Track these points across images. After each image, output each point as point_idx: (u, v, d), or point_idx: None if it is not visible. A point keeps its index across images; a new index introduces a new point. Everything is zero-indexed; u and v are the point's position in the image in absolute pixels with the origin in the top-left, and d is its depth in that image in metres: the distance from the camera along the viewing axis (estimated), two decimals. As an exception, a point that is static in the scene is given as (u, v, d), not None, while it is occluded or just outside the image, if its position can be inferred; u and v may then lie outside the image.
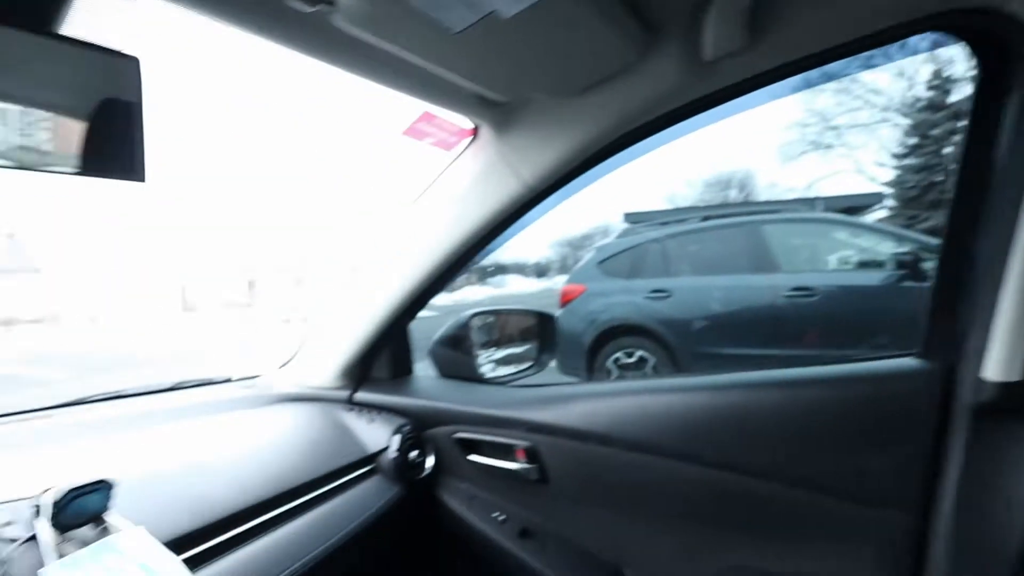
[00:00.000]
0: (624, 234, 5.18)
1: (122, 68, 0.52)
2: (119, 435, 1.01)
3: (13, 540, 0.66)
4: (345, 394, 1.30)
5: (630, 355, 4.60)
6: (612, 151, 0.95)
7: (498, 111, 0.92)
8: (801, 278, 4.08)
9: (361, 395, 1.30)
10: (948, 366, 0.87)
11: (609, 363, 4.66)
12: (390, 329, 1.26)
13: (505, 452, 1.17)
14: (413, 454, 1.18)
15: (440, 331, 1.36)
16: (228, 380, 1.34)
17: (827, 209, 7.13)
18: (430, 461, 1.21)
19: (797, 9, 0.73)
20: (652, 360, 4.48)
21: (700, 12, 0.74)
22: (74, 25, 0.50)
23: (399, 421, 1.21)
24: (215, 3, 0.61)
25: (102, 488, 0.70)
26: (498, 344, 1.47)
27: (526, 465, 1.14)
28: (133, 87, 0.52)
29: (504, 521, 1.18)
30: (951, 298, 0.89)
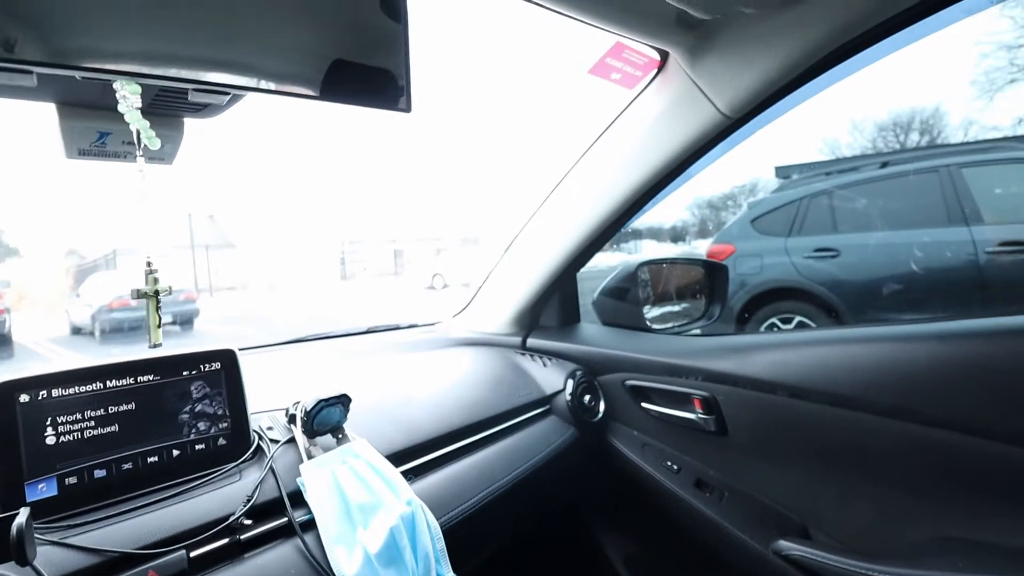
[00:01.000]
0: (781, 188, 4.71)
1: (391, 5, 0.56)
2: (333, 366, 1.16)
3: (275, 441, 0.79)
4: (517, 340, 1.36)
5: (787, 321, 4.23)
6: (828, 65, 0.85)
7: (695, 33, 0.87)
8: (1014, 230, 3.39)
9: (532, 341, 1.34)
10: None
11: (762, 330, 4.33)
12: (560, 277, 1.28)
13: (679, 401, 1.15)
14: (586, 398, 1.20)
15: (605, 281, 1.36)
16: (413, 325, 1.47)
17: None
18: (602, 406, 1.23)
19: None
20: (813, 326, 4.07)
21: None
22: None
23: (572, 366, 1.23)
24: None
25: (342, 402, 0.81)
26: (665, 294, 1.43)
27: (702, 415, 1.11)
28: (400, 18, 0.56)
29: (678, 471, 1.16)
30: None
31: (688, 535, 1.16)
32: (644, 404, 1.19)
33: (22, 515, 0.48)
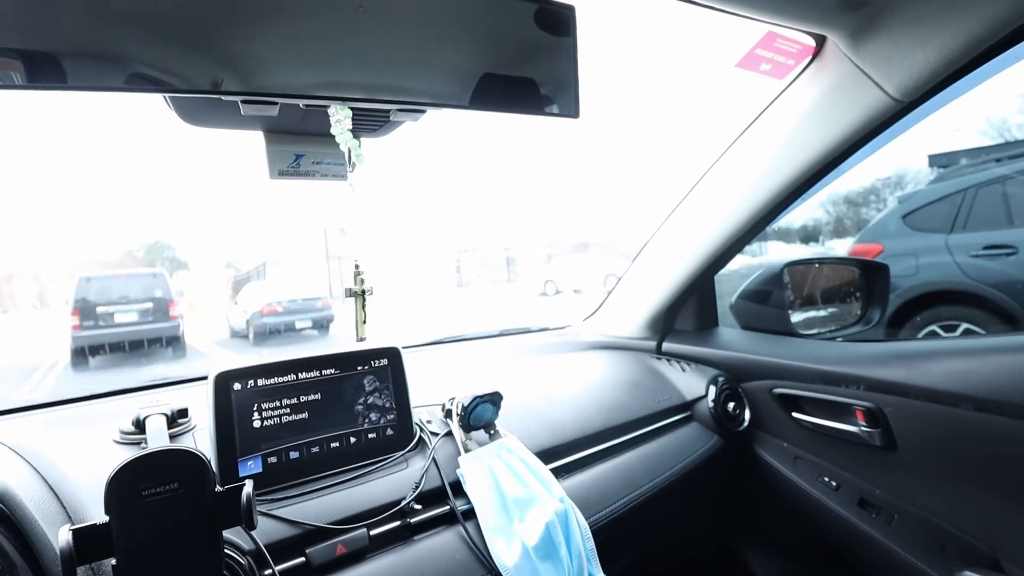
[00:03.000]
0: (940, 178, 4.16)
1: (560, 16, 0.59)
2: (473, 366, 1.22)
3: (435, 434, 0.84)
4: (652, 344, 1.33)
5: (950, 329, 3.70)
6: (1011, 43, 0.75)
7: (859, 14, 0.80)
8: None
9: (668, 345, 1.31)
10: None
11: (920, 338, 3.83)
12: (698, 279, 1.24)
13: (837, 412, 1.05)
14: (730, 406, 1.14)
15: (746, 284, 1.29)
16: (544, 329, 1.50)
17: None
18: (748, 414, 1.16)
19: None
20: (983, 335, 3.53)
21: None
22: None
23: (713, 372, 1.18)
24: None
25: (494, 400, 0.85)
26: (814, 297, 1.33)
27: (866, 428, 1.01)
28: (570, 32, 0.60)
29: (838, 487, 1.06)
30: None
31: (850, 560, 1.06)
32: (795, 414, 1.11)
33: (248, 486, 0.55)
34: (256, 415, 0.72)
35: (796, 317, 1.26)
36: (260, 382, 0.73)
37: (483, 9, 0.59)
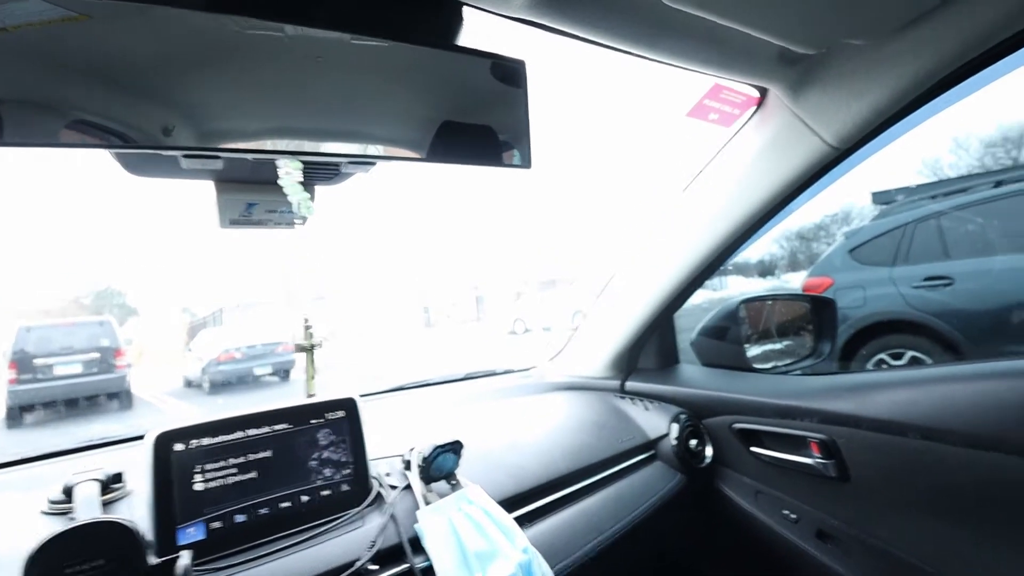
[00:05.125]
0: (881, 215, 4.41)
1: (511, 70, 0.61)
2: (436, 413, 1.19)
3: (394, 487, 0.81)
4: (616, 383, 1.34)
5: (898, 356, 3.86)
6: (939, 90, 0.81)
7: (797, 68, 0.86)
8: None
9: (632, 384, 1.32)
10: None
11: (870, 367, 3.98)
12: (658, 318, 1.26)
13: (793, 445, 1.07)
14: (692, 443, 1.15)
15: (705, 320, 1.32)
16: (509, 371, 1.49)
17: None
18: (710, 450, 1.17)
19: None
20: (928, 362, 3.69)
21: None
22: (469, 36, 0.61)
23: (675, 409, 1.19)
24: (560, 13, 0.67)
25: (455, 449, 0.83)
26: (769, 332, 1.37)
27: (821, 460, 1.03)
28: (521, 84, 0.61)
29: (797, 520, 1.07)
30: None
31: None
32: (754, 448, 1.12)
33: (185, 557, 0.52)
34: (199, 477, 0.68)
35: (752, 352, 1.29)
36: (205, 441, 0.69)
37: (440, 65, 0.60)
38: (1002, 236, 3.70)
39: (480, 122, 0.61)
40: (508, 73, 0.61)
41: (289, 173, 0.55)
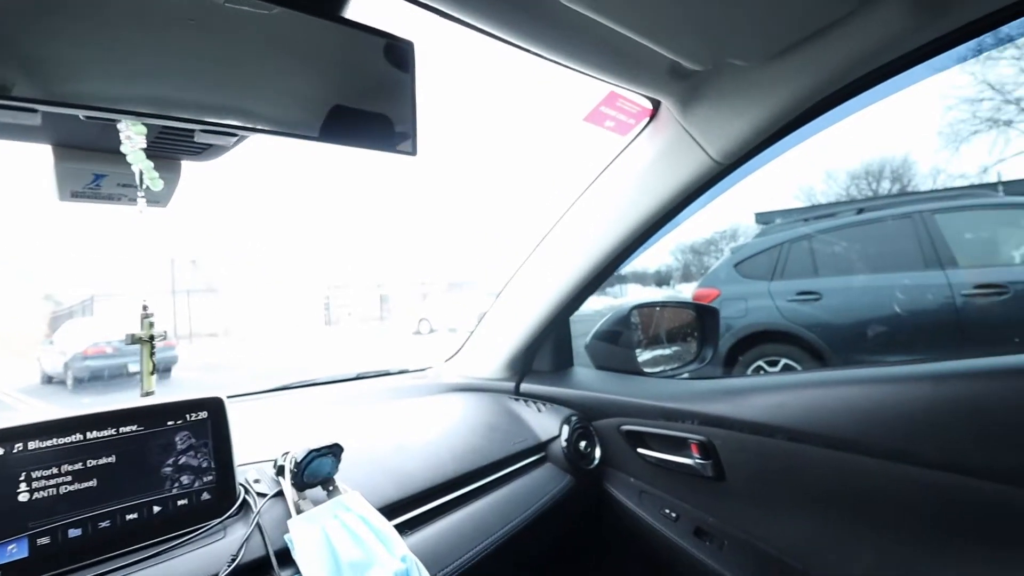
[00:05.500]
0: (762, 233, 4.83)
1: (399, 50, 0.57)
2: (321, 414, 1.12)
3: (262, 495, 0.75)
4: (511, 385, 1.34)
5: (773, 363, 4.25)
6: (810, 117, 0.89)
7: (686, 83, 0.90)
8: (987, 273, 3.49)
9: (526, 386, 1.32)
10: None
11: (748, 373, 4.34)
12: (554, 321, 1.28)
13: (676, 446, 1.12)
14: (582, 444, 1.17)
15: (599, 325, 1.35)
16: (403, 371, 1.44)
17: (1011, 195, 6.10)
18: (599, 452, 1.20)
19: None
20: (799, 370, 4.10)
21: None
22: (357, 10, 0.57)
23: (567, 411, 1.21)
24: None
25: (333, 452, 0.78)
26: (658, 337, 1.43)
27: (700, 460, 1.09)
28: (408, 68, 0.58)
29: (676, 519, 1.13)
30: None
31: None
32: (640, 450, 1.17)
33: None
34: (24, 486, 0.58)
35: (642, 356, 1.34)
36: (32, 445, 0.60)
37: (323, 38, 0.56)
38: (861, 258, 4.17)
39: (363, 102, 0.57)
40: (396, 54, 0.58)
41: (130, 138, 0.48)
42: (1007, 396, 0.83)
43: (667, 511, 1.14)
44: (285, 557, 0.68)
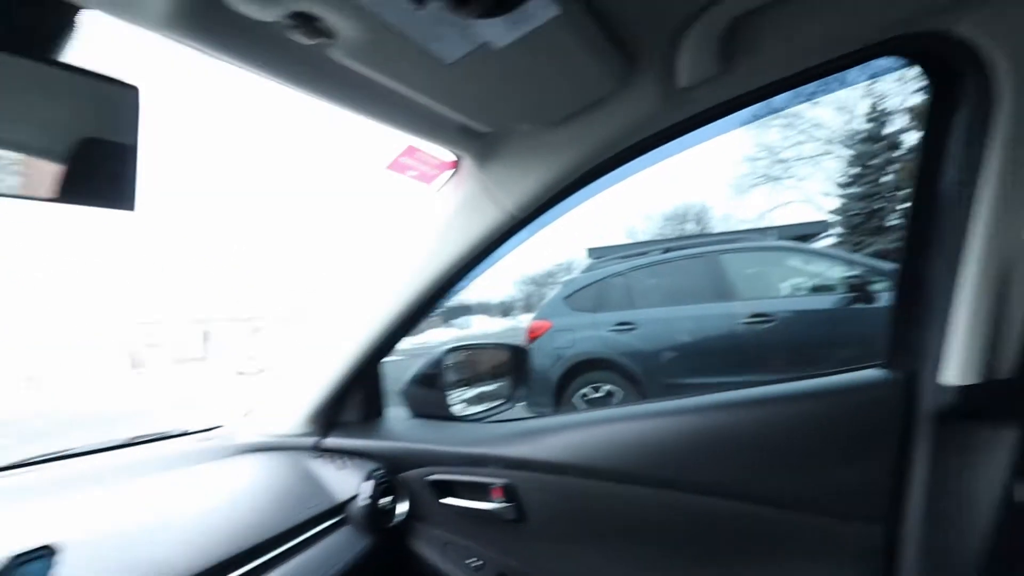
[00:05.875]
0: (589, 268, 5.26)
1: (121, 97, 0.50)
2: (67, 497, 0.93)
3: None
4: (312, 440, 1.24)
5: (597, 389, 4.61)
6: (592, 178, 0.98)
7: (480, 142, 0.94)
8: (758, 305, 4.20)
9: (330, 440, 1.24)
10: (911, 374, 0.89)
11: (576, 399, 4.64)
12: (361, 370, 1.22)
13: (481, 492, 1.13)
14: (385, 500, 1.12)
15: (413, 369, 1.32)
16: (185, 433, 1.26)
17: (780, 238, 7.46)
18: (402, 507, 1.15)
19: (766, 36, 0.77)
20: (620, 394, 4.49)
21: (676, 40, 0.76)
22: (76, 53, 0.49)
23: (370, 465, 1.15)
24: (215, 38, 0.60)
25: (44, 555, 0.64)
26: (472, 380, 1.44)
27: (503, 504, 1.10)
28: (131, 116, 0.51)
29: (481, 567, 1.12)
30: (911, 309, 0.92)
31: None
32: (446, 499, 1.15)
33: None
34: None
35: (455, 400, 1.34)
36: None
37: (34, 78, 0.47)
38: (667, 291, 4.74)
39: (76, 154, 0.49)
40: (120, 100, 0.51)
41: None
42: (741, 423, 0.97)
43: (470, 560, 1.13)
44: None
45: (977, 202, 0.78)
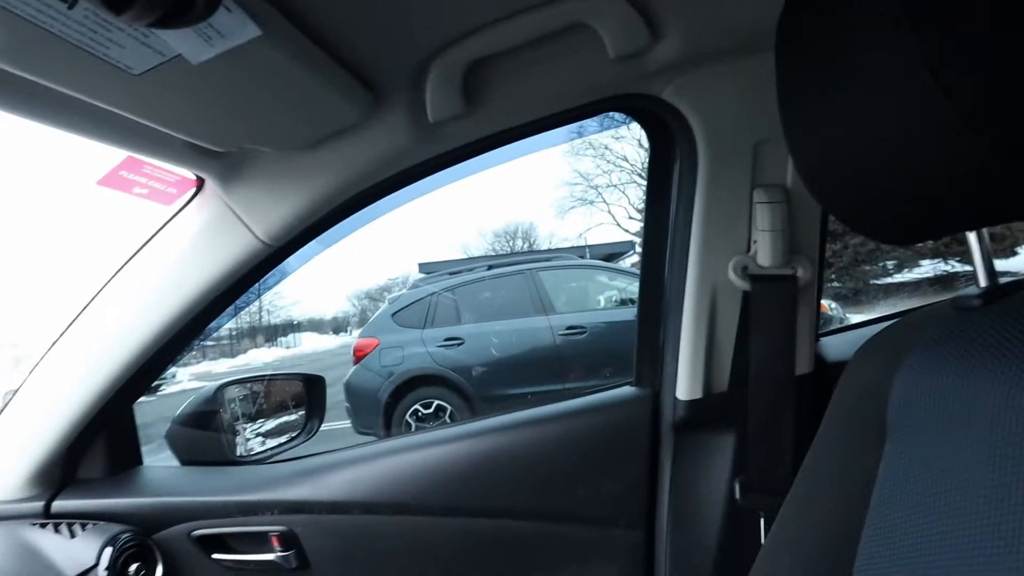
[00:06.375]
0: (416, 284, 5.24)
1: None
2: None
3: None
4: (39, 505, 1.01)
5: (428, 405, 4.58)
6: (353, 208, 0.93)
7: (220, 162, 0.83)
8: (573, 318, 4.56)
9: (62, 503, 1.02)
10: (655, 391, 1.02)
11: (408, 416, 4.57)
12: (106, 412, 1.03)
13: (257, 543, 1.02)
14: (132, 568, 0.95)
15: (180, 409, 1.16)
16: None
17: (592, 256, 8.21)
18: (159, 572, 0.99)
19: (504, 83, 0.81)
20: (449, 408, 4.52)
21: (420, 77, 0.77)
22: None
23: (115, 529, 0.97)
24: None
25: None
26: (257, 416, 1.31)
27: (282, 553, 1.01)
28: None
29: None
30: (651, 329, 1.05)
31: None
32: (216, 555, 1.02)
33: None
34: None
35: (234, 442, 1.21)
36: None
37: None
38: (491, 307, 4.92)
39: None
40: None
41: None
42: (514, 445, 1.01)
43: None
44: None
45: (692, 239, 0.92)
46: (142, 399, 1.13)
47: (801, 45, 0.40)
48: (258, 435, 1.31)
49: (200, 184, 0.88)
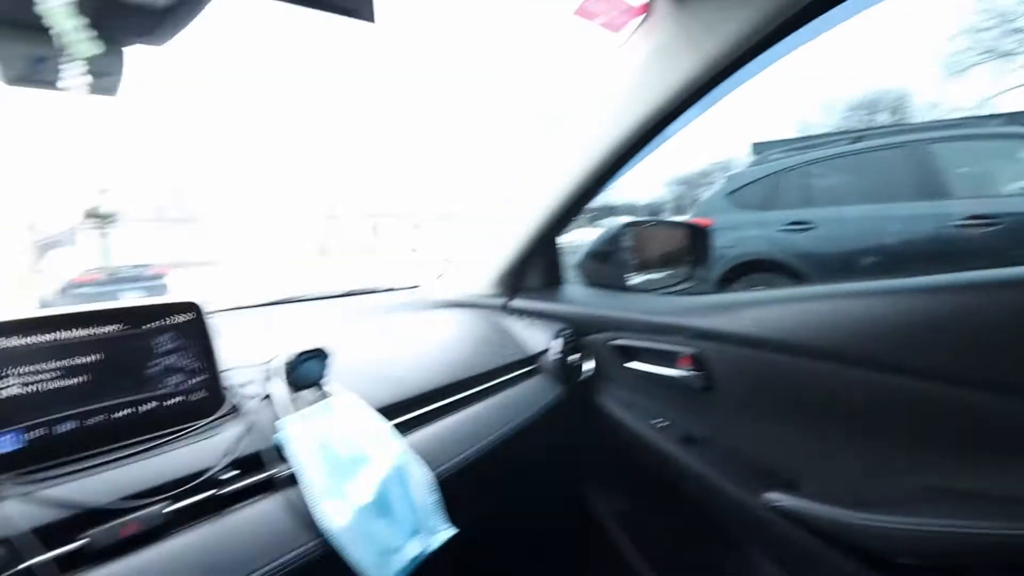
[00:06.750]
0: (757, 162, 4.73)
1: None
2: (309, 326, 1.12)
3: (252, 396, 0.75)
4: (501, 301, 1.34)
5: (761, 293, 4.29)
6: (810, 15, 0.83)
7: None
8: (980, 205, 3.46)
9: (517, 302, 1.32)
10: None
11: (736, 299, 4.39)
12: (541, 240, 1.26)
13: (665, 359, 1.14)
14: (573, 357, 1.19)
15: (590, 243, 1.34)
16: (392, 289, 1.44)
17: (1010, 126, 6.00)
18: (589, 364, 1.21)
19: None
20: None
21: None
22: None
23: (558, 325, 1.21)
24: None
25: (320, 356, 0.78)
26: (649, 256, 1.42)
27: (689, 373, 1.10)
28: None
29: (665, 428, 1.16)
30: None
31: (677, 491, 1.17)
32: (630, 363, 1.19)
33: None
34: (7, 383, 0.58)
35: (633, 274, 1.34)
36: (10, 342, 0.59)
37: None
38: (856, 188, 4.12)
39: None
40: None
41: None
42: (982, 307, 0.83)
43: (655, 420, 1.17)
44: (277, 455, 0.69)
45: None
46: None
47: None
48: (649, 272, 1.42)
49: (648, 9, 0.90)
